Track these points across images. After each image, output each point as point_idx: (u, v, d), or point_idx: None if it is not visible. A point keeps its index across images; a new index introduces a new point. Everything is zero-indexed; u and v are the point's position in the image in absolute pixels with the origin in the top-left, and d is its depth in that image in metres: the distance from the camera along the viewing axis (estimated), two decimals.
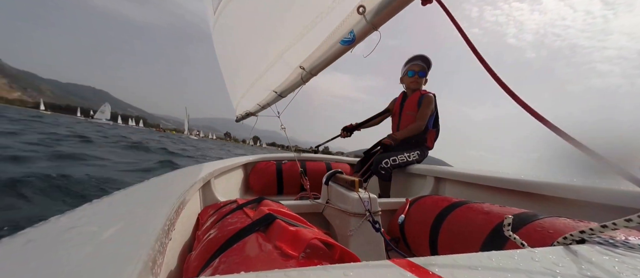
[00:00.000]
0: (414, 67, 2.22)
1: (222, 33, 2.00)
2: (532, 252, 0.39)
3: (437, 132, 2.28)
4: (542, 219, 0.77)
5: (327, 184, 1.37)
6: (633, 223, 0.40)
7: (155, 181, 1.00)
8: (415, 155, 2.11)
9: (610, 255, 0.39)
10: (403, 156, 2.07)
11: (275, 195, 2.49)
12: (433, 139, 2.27)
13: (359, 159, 2.40)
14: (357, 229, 1.06)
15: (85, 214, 0.53)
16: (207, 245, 0.65)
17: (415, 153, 2.11)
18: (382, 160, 2.04)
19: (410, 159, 2.08)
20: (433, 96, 2.20)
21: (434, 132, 2.26)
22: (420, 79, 2.23)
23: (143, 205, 0.64)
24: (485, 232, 0.86)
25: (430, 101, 2.17)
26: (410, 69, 2.24)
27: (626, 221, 0.41)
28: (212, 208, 1.06)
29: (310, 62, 1.35)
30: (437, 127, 2.28)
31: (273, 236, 0.60)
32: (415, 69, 2.22)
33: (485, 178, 1.39)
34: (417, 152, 2.12)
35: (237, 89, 2.35)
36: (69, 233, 0.43)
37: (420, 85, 2.25)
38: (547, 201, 1.08)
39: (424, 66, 2.21)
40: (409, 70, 2.24)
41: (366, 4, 0.95)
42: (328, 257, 0.55)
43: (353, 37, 1.04)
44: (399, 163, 2.05)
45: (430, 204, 1.20)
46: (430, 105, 2.16)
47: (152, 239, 0.43)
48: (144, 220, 0.52)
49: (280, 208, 0.83)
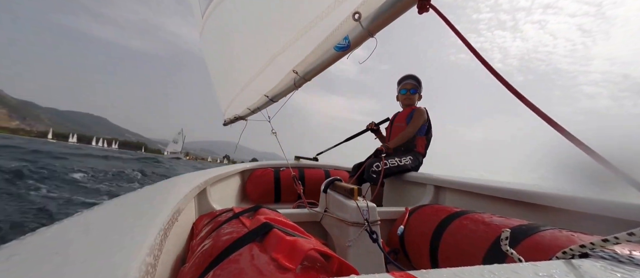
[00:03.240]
0: (406, 85, 2.44)
1: (211, 36, 1.98)
2: (535, 266, 0.38)
3: (428, 139, 2.39)
4: (544, 231, 0.76)
5: (326, 192, 1.34)
6: (636, 237, 0.39)
7: (149, 189, 0.98)
8: (408, 160, 2.19)
9: (615, 271, 0.38)
10: (394, 160, 2.14)
11: (273, 203, 2.46)
12: (423, 145, 2.35)
13: (354, 165, 2.47)
14: (356, 239, 1.04)
15: (75, 225, 0.51)
16: (201, 257, 0.63)
17: (407, 158, 2.19)
18: (374, 165, 2.09)
19: (402, 163, 2.15)
20: (424, 109, 2.35)
21: (424, 138, 2.36)
22: (412, 96, 2.42)
23: (136, 215, 0.62)
24: (487, 244, 0.84)
25: (422, 113, 2.31)
26: (403, 87, 2.45)
27: (629, 235, 0.40)
28: (208, 217, 1.04)
29: (304, 66, 1.34)
30: (429, 135, 2.39)
31: (270, 247, 0.59)
32: (407, 87, 2.43)
33: (486, 188, 1.37)
34: (410, 157, 2.21)
35: (227, 92, 2.33)
36: (57, 245, 0.42)
37: (413, 101, 2.43)
38: (548, 212, 1.07)
39: (414, 84, 2.42)
40: (402, 88, 2.45)
41: (362, 11, 0.95)
42: (326, 270, 0.54)
43: (348, 43, 1.04)
44: (390, 168, 2.10)
45: (430, 214, 1.18)
46: (422, 116, 2.30)
47: (144, 251, 0.42)
48: (137, 231, 0.50)
49: (277, 217, 0.81)
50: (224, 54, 2.01)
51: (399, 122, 2.41)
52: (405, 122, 2.34)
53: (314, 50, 1.23)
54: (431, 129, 2.39)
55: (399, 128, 2.37)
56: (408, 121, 2.32)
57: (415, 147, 2.31)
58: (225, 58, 2.03)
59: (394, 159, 2.15)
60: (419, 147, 2.32)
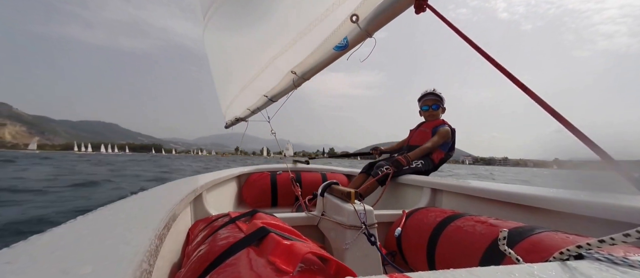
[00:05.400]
0: (427, 102, 2.40)
1: (212, 37, 1.98)
2: (531, 267, 0.39)
3: (447, 156, 2.37)
4: (540, 233, 0.76)
5: (323, 196, 1.34)
6: (631, 239, 0.40)
7: (144, 195, 0.97)
8: (420, 163, 2.21)
9: (611, 272, 0.39)
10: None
11: (270, 208, 2.44)
12: (440, 158, 2.34)
13: (365, 165, 2.48)
14: (353, 242, 1.03)
15: (69, 231, 0.51)
16: (197, 262, 0.62)
17: (419, 162, 2.21)
18: (384, 166, 2.10)
19: (413, 165, 2.17)
20: (452, 130, 2.31)
21: (443, 153, 2.34)
22: (435, 111, 2.40)
23: (130, 221, 0.61)
24: (484, 246, 0.84)
25: (446, 133, 2.28)
26: (424, 104, 2.42)
27: (624, 236, 0.40)
28: (203, 223, 1.03)
29: (303, 67, 1.34)
30: (450, 153, 2.38)
31: (266, 251, 0.58)
32: (428, 103, 2.40)
33: (482, 191, 1.37)
34: (421, 162, 2.22)
35: (227, 93, 2.33)
36: (51, 252, 0.41)
37: (437, 115, 2.41)
38: (545, 214, 1.07)
39: (435, 99, 2.38)
40: (423, 105, 2.43)
41: (359, 13, 0.95)
42: (323, 272, 0.53)
43: (346, 43, 1.04)
44: (402, 170, 2.13)
45: (427, 216, 1.18)
46: (446, 137, 2.28)
47: (139, 257, 0.41)
48: (131, 237, 0.50)
49: (274, 221, 0.80)
50: (224, 55, 2.01)
51: (425, 127, 2.41)
52: (430, 130, 2.34)
53: (313, 52, 1.24)
54: (454, 148, 2.39)
55: (423, 133, 2.37)
56: (433, 131, 2.32)
57: (430, 154, 2.30)
58: (226, 60, 2.03)
59: None
60: (435, 158, 2.32)
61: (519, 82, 0.63)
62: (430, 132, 2.34)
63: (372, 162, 2.42)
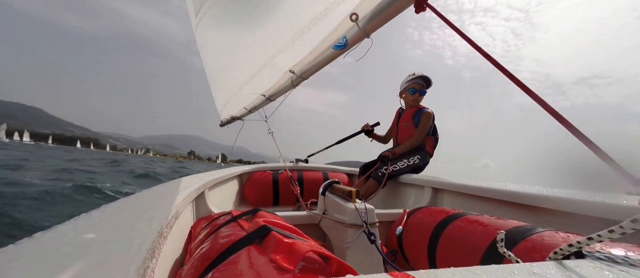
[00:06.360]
0: (416, 85, 2.35)
1: (207, 35, 1.96)
2: (530, 266, 0.39)
3: (435, 139, 2.40)
4: (541, 233, 0.77)
5: (324, 195, 1.34)
6: (615, 235, 0.42)
7: (147, 193, 0.98)
8: (416, 159, 2.24)
9: (612, 270, 0.39)
10: (403, 162, 2.21)
11: (271, 206, 2.45)
12: (432, 145, 2.38)
13: (361, 165, 2.52)
14: (354, 241, 1.03)
15: (73, 228, 0.52)
16: (200, 259, 0.63)
17: (415, 157, 2.24)
18: (382, 168, 2.16)
19: (410, 163, 2.21)
20: (432, 113, 2.32)
21: (432, 139, 2.37)
22: (420, 96, 2.38)
23: (134, 219, 0.62)
24: (485, 245, 0.85)
25: (430, 117, 2.30)
26: (412, 86, 2.36)
27: (609, 232, 0.42)
28: (206, 221, 1.03)
29: (302, 66, 1.34)
30: (436, 135, 2.41)
31: (268, 249, 0.58)
32: (417, 87, 2.35)
33: (483, 190, 1.38)
34: (418, 157, 2.25)
35: (223, 93, 2.32)
36: (55, 249, 0.42)
37: (419, 102, 2.41)
38: (545, 214, 1.07)
39: (424, 85, 2.37)
40: (411, 87, 2.37)
41: (359, 12, 0.95)
42: (324, 271, 0.53)
43: (345, 42, 1.04)
44: (401, 169, 2.17)
45: (428, 216, 1.18)
46: (429, 121, 2.30)
47: (142, 254, 0.42)
48: (134, 234, 0.50)
49: (275, 220, 0.81)
50: (219, 54, 2.00)
51: (405, 121, 2.39)
52: (412, 122, 2.33)
53: (311, 51, 1.24)
54: (436, 129, 2.41)
55: (406, 128, 2.36)
56: (415, 121, 2.31)
57: (423, 147, 2.33)
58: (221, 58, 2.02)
59: (402, 160, 2.21)
60: (428, 148, 2.34)
61: (520, 83, 0.63)
62: (412, 124, 2.33)
63: (367, 163, 2.46)
